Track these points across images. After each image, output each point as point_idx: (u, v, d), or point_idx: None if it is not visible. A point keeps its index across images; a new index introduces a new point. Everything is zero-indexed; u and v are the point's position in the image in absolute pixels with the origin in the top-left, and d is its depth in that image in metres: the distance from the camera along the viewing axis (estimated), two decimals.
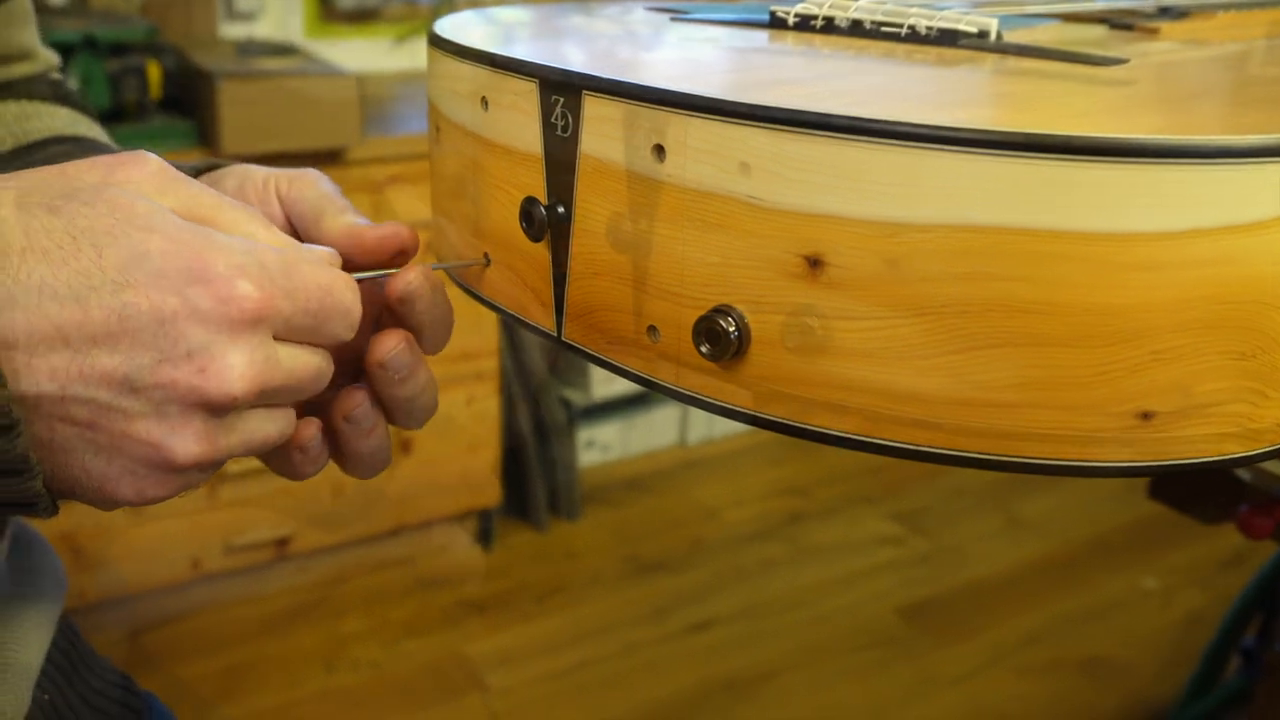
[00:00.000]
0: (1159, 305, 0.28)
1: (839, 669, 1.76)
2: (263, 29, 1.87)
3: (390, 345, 0.37)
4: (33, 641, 0.45)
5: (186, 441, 0.32)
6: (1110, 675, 1.76)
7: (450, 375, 1.84)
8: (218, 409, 0.32)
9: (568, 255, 0.36)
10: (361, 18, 2.01)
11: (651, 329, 0.34)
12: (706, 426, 2.44)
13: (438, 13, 2.13)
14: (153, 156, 0.35)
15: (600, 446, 2.31)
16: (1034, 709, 1.68)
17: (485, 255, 0.40)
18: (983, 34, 0.41)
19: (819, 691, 1.71)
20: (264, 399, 0.33)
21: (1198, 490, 0.77)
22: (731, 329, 0.31)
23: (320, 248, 0.35)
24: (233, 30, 1.84)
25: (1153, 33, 0.49)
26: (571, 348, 0.37)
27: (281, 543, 1.79)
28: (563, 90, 0.34)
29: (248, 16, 1.86)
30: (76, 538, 1.64)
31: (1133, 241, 0.28)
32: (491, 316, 1.91)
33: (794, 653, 1.79)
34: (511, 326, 1.98)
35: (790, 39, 0.42)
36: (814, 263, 0.30)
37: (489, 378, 1.89)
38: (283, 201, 0.39)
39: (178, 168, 0.43)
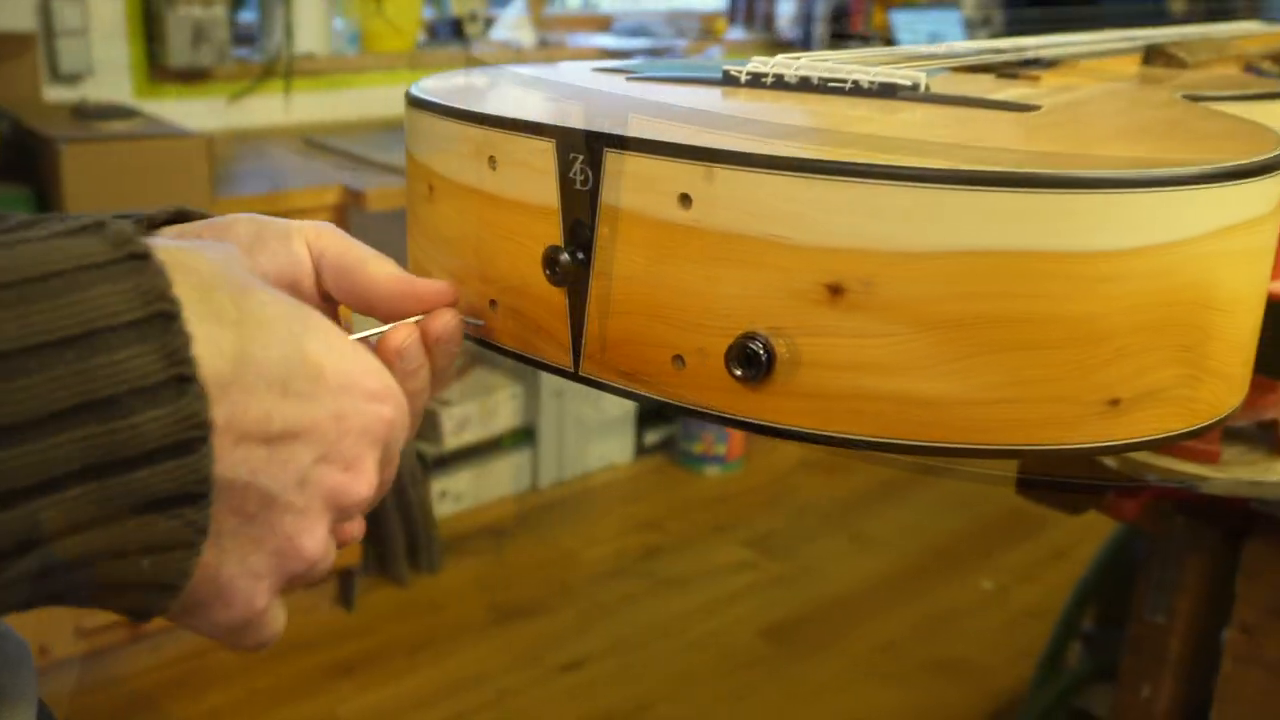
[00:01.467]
0: (1122, 310, 0.34)
1: (711, 695, 1.81)
2: (90, 91, 1.82)
3: (403, 336, 0.39)
4: None
5: (317, 537, 0.33)
6: (962, 674, 1.87)
7: None
8: (346, 512, 0.34)
9: (586, 297, 0.39)
10: (192, 77, 1.98)
11: (677, 358, 0.38)
12: (557, 469, 2.47)
13: (271, 71, 2.12)
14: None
15: (453, 496, 2.31)
16: (896, 712, 1.77)
17: (491, 302, 0.43)
18: (915, 86, 0.47)
19: (695, 717, 1.75)
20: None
21: (1061, 483, 0.85)
22: (761, 352, 0.35)
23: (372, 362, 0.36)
24: (58, 93, 1.79)
25: (1035, 79, 0.57)
26: (589, 381, 0.40)
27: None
28: (583, 148, 0.38)
29: (73, 79, 1.81)
30: None
31: (1100, 258, 0.34)
32: None
33: (666, 683, 1.83)
34: None
35: (744, 95, 0.47)
36: (836, 290, 0.34)
37: None
38: (312, 252, 0.40)
39: (136, 217, 0.43)
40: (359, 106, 2.32)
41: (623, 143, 0.37)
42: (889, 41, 3.06)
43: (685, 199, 0.36)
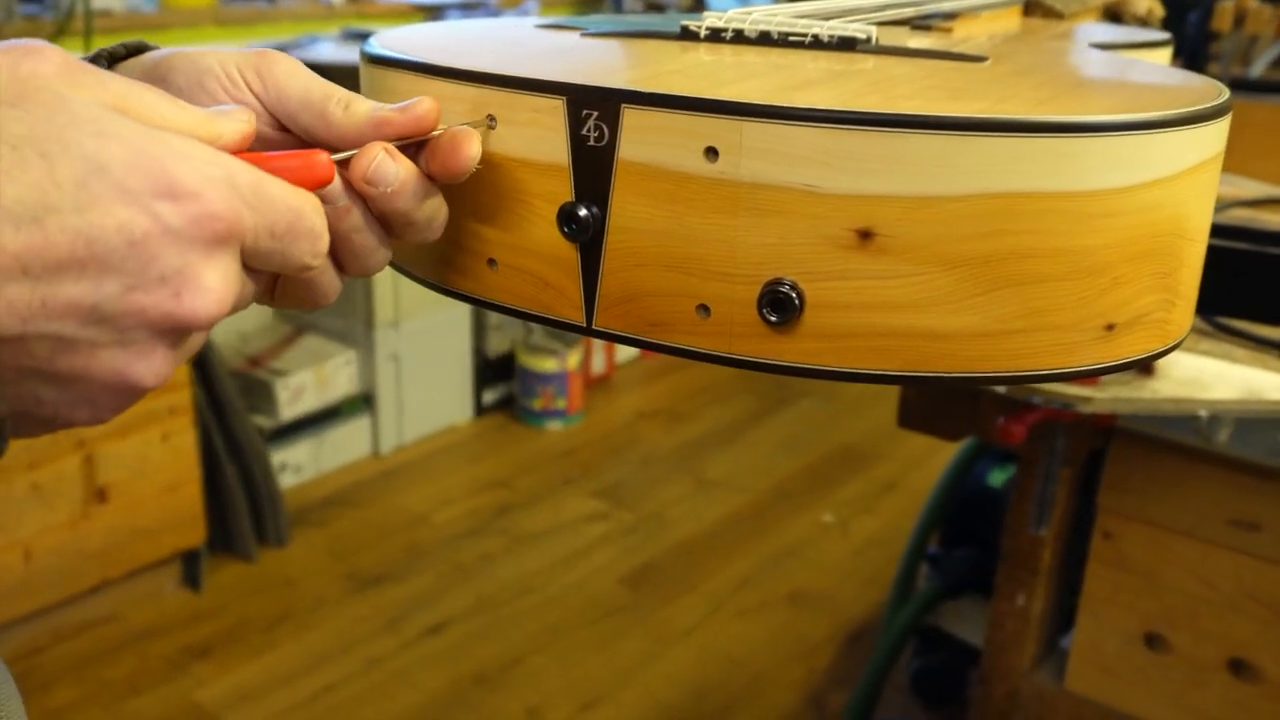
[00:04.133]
0: (1118, 243, 0.37)
1: (580, 644, 1.83)
2: None
3: (369, 158, 0.35)
4: None
5: (153, 366, 0.30)
6: (814, 603, 1.95)
7: (143, 413, 1.74)
8: (189, 332, 0.30)
9: (602, 251, 0.40)
10: None
11: (702, 308, 0.39)
12: (397, 434, 2.44)
13: (65, 29, 1.99)
14: (51, 47, 0.30)
15: (294, 468, 2.26)
16: (756, 645, 1.84)
17: (490, 260, 0.43)
18: (869, 40, 0.49)
19: (565, 667, 1.78)
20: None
21: (941, 413, 0.91)
22: (793, 296, 0.37)
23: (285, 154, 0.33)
24: None
25: (947, 31, 0.60)
26: (605, 335, 0.41)
27: None
28: (597, 105, 0.39)
29: None
30: None
31: (1100, 196, 0.37)
32: None
33: (533, 636, 1.85)
34: (204, 354, 1.89)
35: (704, 49, 0.48)
36: (865, 235, 0.36)
37: (183, 411, 1.80)
38: (259, 94, 0.37)
39: (97, 52, 0.39)
40: None
41: (645, 99, 0.38)
42: None
43: (711, 152, 0.37)
